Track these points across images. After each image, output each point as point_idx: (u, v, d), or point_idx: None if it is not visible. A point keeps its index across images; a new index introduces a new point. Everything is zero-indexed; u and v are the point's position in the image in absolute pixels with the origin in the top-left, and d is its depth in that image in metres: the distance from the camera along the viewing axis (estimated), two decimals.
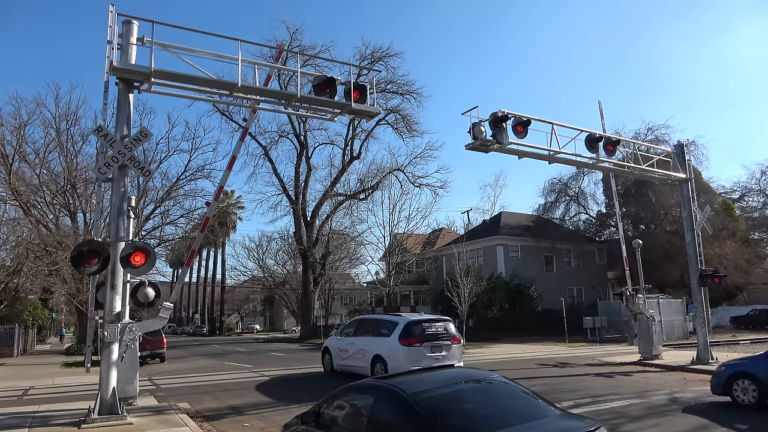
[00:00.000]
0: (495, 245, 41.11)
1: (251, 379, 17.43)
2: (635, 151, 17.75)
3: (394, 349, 13.86)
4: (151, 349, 23.54)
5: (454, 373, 5.59)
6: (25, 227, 29.70)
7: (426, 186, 42.77)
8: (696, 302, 17.86)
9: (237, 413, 11.13)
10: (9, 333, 30.40)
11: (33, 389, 15.66)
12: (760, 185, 44.39)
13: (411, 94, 41.77)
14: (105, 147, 9.90)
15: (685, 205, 18.37)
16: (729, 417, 9.09)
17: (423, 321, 14.52)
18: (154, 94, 12.03)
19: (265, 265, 52.90)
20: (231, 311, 79.48)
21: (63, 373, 20.62)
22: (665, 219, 39.81)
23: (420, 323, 14.34)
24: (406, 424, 4.43)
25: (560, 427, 4.43)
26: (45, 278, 29.32)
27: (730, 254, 34.96)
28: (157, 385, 15.95)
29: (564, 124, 15.49)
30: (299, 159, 43.08)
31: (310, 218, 43.21)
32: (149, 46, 10.23)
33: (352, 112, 12.77)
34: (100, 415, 9.41)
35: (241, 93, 11.69)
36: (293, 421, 6.06)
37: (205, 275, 75.37)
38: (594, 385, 13.41)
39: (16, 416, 10.45)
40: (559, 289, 36.72)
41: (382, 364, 14.07)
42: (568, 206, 45.47)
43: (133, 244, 9.71)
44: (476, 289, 30.73)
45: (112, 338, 9.65)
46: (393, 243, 40.02)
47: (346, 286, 56.78)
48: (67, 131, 31.88)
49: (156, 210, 33.41)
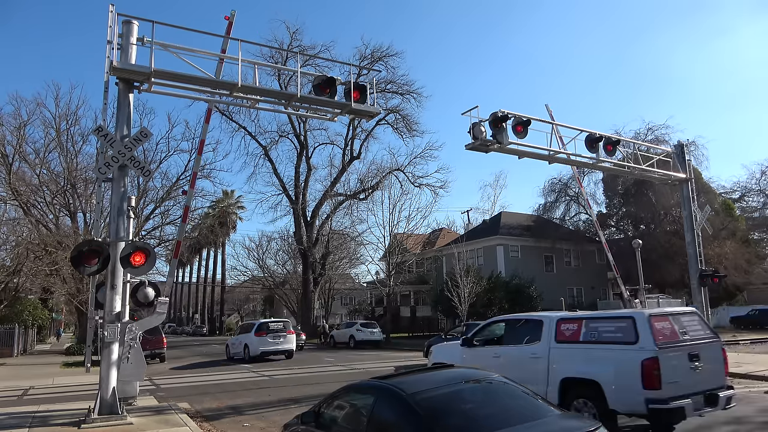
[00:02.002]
0: (495, 245, 41.10)
1: (251, 379, 17.46)
2: (635, 151, 17.74)
3: (251, 337, 23.67)
4: (151, 349, 23.55)
5: (454, 373, 5.58)
6: (25, 227, 29.71)
7: (426, 186, 42.86)
8: (696, 302, 17.85)
9: (237, 413, 11.14)
10: (9, 333, 30.42)
11: (33, 389, 15.67)
12: (760, 185, 44.41)
13: (411, 94, 41.87)
14: (105, 147, 9.91)
15: (685, 205, 18.37)
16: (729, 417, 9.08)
17: (269, 322, 25.05)
18: (154, 94, 12.04)
19: (265, 265, 52.89)
20: (231, 311, 79.48)
21: (63, 373, 20.63)
22: (665, 219, 39.80)
23: (267, 324, 24.65)
24: (406, 424, 4.43)
25: (560, 427, 4.43)
26: (45, 278, 29.33)
27: (730, 254, 34.95)
28: (157, 385, 15.97)
29: (564, 124, 15.49)
30: (299, 159, 43.12)
31: (310, 218, 43.23)
32: (149, 46, 10.23)
33: (352, 112, 12.77)
34: (100, 415, 9.41)
35: (241, 93, 11.69)
36: (293, 421, 6.06)
37: (205, 275, 75.46)
38: None
39: (16, 416, 10.46)
40: (559, 289, 36.71)
41: (247, 347, 23.70)
42: (568, 206, 45.45)
43: (133, 244, 9.71)
44: (476, 289, 30.74)
45: (112, 338, 9.66)
46: (393, 243, 40.02)
47: (346, 286, 56.77)
48: (67, 131, 31.95)
49: (156, 210, 33.49)
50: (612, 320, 8.39)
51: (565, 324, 8.83)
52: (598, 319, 8.64)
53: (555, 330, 8.87)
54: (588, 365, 8.00)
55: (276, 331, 24.06)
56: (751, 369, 14.93)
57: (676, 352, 7.58)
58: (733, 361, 16.76)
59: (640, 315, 7.96)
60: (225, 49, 11.38)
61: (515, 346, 9.52)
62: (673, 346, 7.58)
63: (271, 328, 24.13)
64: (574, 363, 8.29)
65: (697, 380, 7.59)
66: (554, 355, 8.65)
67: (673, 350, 7.55)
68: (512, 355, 9.50)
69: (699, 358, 7.69)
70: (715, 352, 8.20)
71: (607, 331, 8.23)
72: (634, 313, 8.18)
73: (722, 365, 8.27)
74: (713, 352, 8.15)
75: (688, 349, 7.71)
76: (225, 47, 11.38)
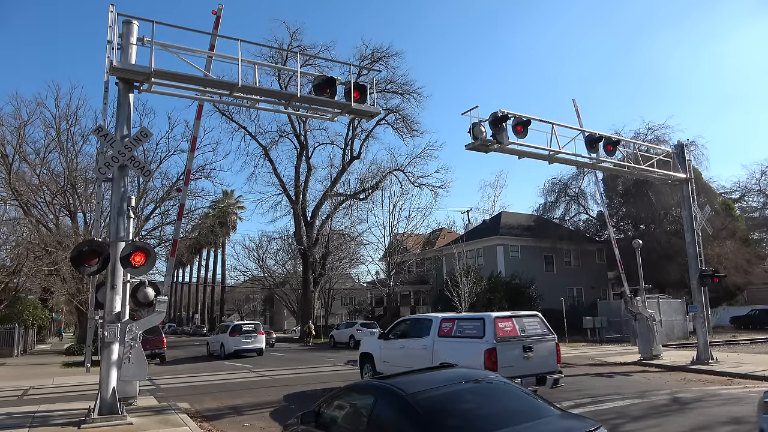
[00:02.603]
0: (495, 245, 41.11)
1: (251, 379, 17.45)
2: (635, 151, 17.74)
3: (227, 337, 27.05)
4: (151, 349, 23.55)
5: (454, 373, 5.59)
6: (25, 227, 29.69)
7: (426, 186, 42.81)
8: (696, 302, 17.86)
9: (237, 413, 11.14)
10: (9, 333, 30.41)
11: (33, 389, 15.67)
12: (760, 185, 44.40)
13: (411, 93, 41.78)
14: (105, 147, 9.91)
15: (685, 205, 18.36)
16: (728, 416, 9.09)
17: (242, 324, 28.67)
18: (154, 94, 12.04)
19: (265, 265, 52.88)
20: (231, 311, 79.41)
21: (63, 373, 20.63)
22: (665, 219, 39.79)
23: (240, 326, 28.23)
24: (406, 423, 4.43)
25: (560, 427, 4.43)
26: (45, 278, 29.35)
27: (730, 254, 34.95)
28: (157, 385, 15.97)
29: (564, 124, 15.48)
30: (299, 159, 43.06)
31: (310, 218, 43.19)
32: (149, 46, 10.23)
33: (352, 112, 12.78)
34: (100, 415, 9.41)
35: (241, 93, 11.69)
36: (293, 421, 6.06)
37: (205, 275, 75.53)
38: (594, 385, 13.40)
39: (16, 416, 10.46)
40: (559, 289, 36.70)
41: (223, 346, 27.02)
42: (568, 206, 45.45)
43: (133, 244, 9.71)
44: (476, 289, 30.76)
45: (112, 338, 9.65)
46: (393, 243, 40.04)
47: (346, 286, 56.73)
48: (67, 131, 31.93)
49: (156, 210, 33.49)
50: (472, 321, 11.07)
51: (445, 323, 11.54)
52: (464, 320, 11.34)
53: (438, 327, 11.56)
54: (454, 353, 10.52)
55: (248, 332, 27.43)
56: (752, 369, 14.94)
57: (512, 344, 10.33)
58: (732, 361, 16.86)
59: (488, 317, 10.58)
60: (214, 45, 11.38)
61: (413, 339, 12.26)
62: (510, 340, 10.34)
63: (244, 330, 27.54)
64: (447, 352, 10.86)
65: (529, 366, 10.33)
66: (437, 347, 11.32)
67: (509, 343, 10.31)
68: (410, 346, 12.21)
69: (532, 350, 10.47)
70: (549, 346, 10.91)
71: (468, 329, 10.87)
72: (483, 316, 10.81)
73: (555, 356, 10.87)
74: (547, 346, 10.85)
75: (522, 342, 10.47)
76: (213, 42, 11.38)
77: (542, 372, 10.46)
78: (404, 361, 11.59)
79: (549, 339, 10.97)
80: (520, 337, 10.49)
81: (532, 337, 10.65)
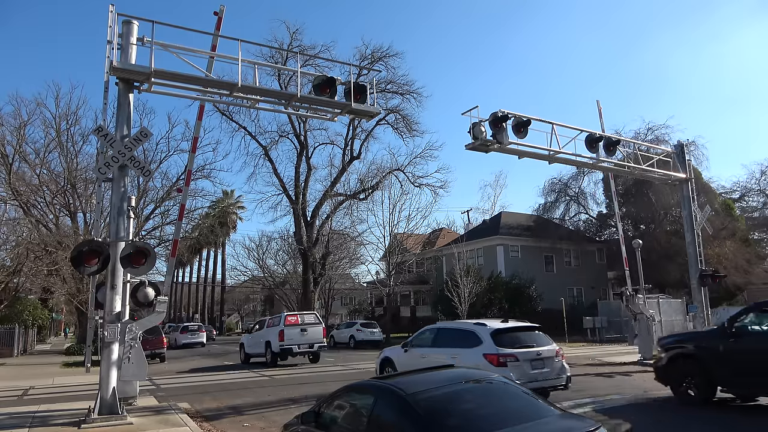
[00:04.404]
0: (495, 245, 41.11)
1: (251, 379, 17.46)
2: (635, 151, 17.74)
3: (178, 334, 38.46)
4: (151, 349, 23.58)
5: (454, 373, 5.58)
6: (25, 227, 29.70)
7: (426, 186, 42.73)
8: (696, 302, 17.86)
9: (237, 413, 11.14)
10: (9, 333, 30.45)
11: (33, 389, 15.67)
12: (760, 185, 44.30)
13: (411, 94, 41.72)
14: (105, 147, 9.90)
15: (685, 205, 18.37)
16: (728, 415, 9.09)
17: (189, 324, 39.32)
18: (154, 94, 12.04)
19: (265, 265, 52.81)
20: (231, 311, 79.45)
21: (63, 373, 20.65)
22: (665, 219, 39.77)
23: (187, 326, 39.27)
24: (406, 423, 4.43)
25: (560, 427, 4.42)
26: (45, 278, 29.36)
27: (730, 254, 34.93)
28: (157, 385, 15.97)
29: (564, 124, 15.49)
30: (299, 159, 43.02)
31: (310, 218, 43.16)
32: (149, 46, 10.22)
33: (352, 112, 12.78)
34: (100, 415, 9.40)
35: (241, 93, 11.69)
36: (293, 421, 6.06)
37: (205, 275, 75.45)
38: (594, 385, 13.40)
39: (16, 416, 10.46)
40: (559, 289, 36.70)
41: (176, 340, 36.34)
42: (568, 206, 45.40)
43: (133, 244, 9.70)
44: (476, 289, 30.72)
45: (112, 338, 9.65)
46: (393, 243, 39.97)
47: (346, 286, 56.69)
48: (68, 131, 31.95)
49: (156, 210, 33.49)
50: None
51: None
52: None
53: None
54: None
55: (192, 330, 39.72)
56: None
57: (291, 327, 19.96)
58: None
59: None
60: (215, 45, 11.36)
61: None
62: (292, 325, 20.30)
63: (189, 329, 40.00)
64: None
65: (302, 341, 20.22)
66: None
67: (290, 326, 19.98)
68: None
69: (306, 331, 20.32)
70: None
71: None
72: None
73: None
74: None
75: (301, 326, 20.33)
76: (215, 43, 11.36)
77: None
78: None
79: (317, 324, 20.02)
80: (298, 323, 19.46)
81: (305, 324, 19.47)
